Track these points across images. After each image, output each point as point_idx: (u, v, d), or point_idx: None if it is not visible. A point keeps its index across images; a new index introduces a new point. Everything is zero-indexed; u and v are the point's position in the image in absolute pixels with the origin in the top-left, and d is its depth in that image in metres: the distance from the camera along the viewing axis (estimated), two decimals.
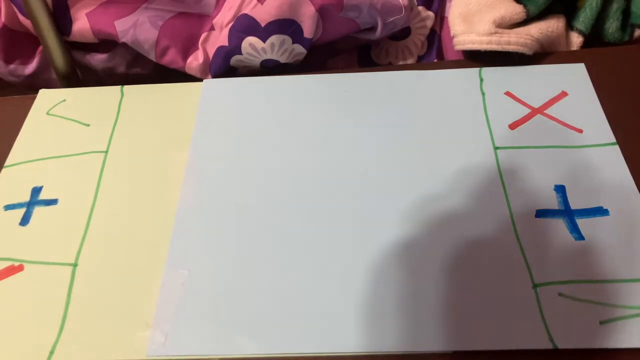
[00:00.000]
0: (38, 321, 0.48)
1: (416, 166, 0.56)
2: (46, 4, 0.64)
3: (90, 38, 0.67)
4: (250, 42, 0.64)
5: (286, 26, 0.63)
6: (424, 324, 0.46)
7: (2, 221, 0.55)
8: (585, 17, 0.66)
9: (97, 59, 0.71)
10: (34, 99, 0.66)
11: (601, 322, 0.45)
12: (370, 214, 0.53)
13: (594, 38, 0.67)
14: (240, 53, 0.65)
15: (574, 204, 0.52)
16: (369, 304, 0.48)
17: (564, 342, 0.45)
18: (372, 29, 0.68)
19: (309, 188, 0.55)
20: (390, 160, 0.57)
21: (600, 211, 0.52)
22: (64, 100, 0.65)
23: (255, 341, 0.46)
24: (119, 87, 0.66)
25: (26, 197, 0.56)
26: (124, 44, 0.67)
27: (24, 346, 0.47)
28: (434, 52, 0.73)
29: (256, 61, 0.66)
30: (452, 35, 0.65)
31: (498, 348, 0.45)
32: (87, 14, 0.66)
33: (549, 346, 0.44)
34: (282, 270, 0.50)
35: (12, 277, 0.51)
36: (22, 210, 0.55)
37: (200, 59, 0.67)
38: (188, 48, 0.68)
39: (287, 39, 0.64)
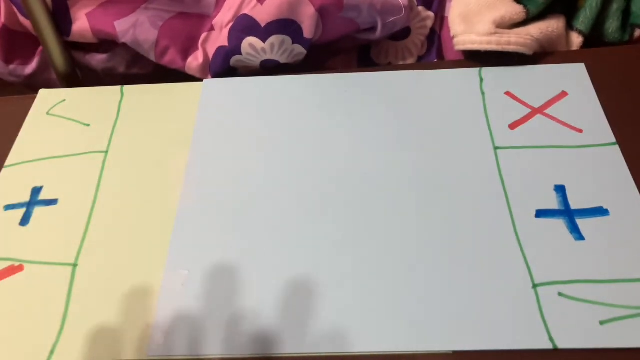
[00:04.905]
0: (38, 321, 0.48)
1: (416, 166, 0.56)
2: (46, 4, 0.64)
3: (90, 38, 0.67)
4: (250, 43, 0.64)
5: (286, 26, 0.63)
6: (424, 324, 0.46)
7: (2, 221, 0.55)
8: (585, 17, 0.66)
9: (97, 59, 0.71)
10: (34, 99, 0.66)
11: (601, 322, 0.45)
12: (370, 214, 0.53)
13: (594, 38, 0.67)
14: (240, 53, 0.65)
15: (574, 204, 0.52)
16: (368, 303, 0.48)
17: (564, 342, 0.45)
18: (372, 29, 0.68)
19: (308, 187, 0.55)
20: (390, 160, 0.57)
21: (600, 211, 0.52)
22: (64, 100, 0.65)
23: (256, 341, 0.46)
24: (119, 87, 0.66)
25: (26, 197, 0.56)
26: (124, 44, 0.67)
27: (24, 346, 0.47)
28: (434, 53, 0.73)
29: (256, 61, 0.66)
30: (452, 35, 0.65)
31: (498, 348, 0.45)
32: (87, 14, 0.66)
33: (549, 346, 0.44)
34: (282, 270, 0.50)
35: (12, 277, 0.51)
36: (22, 211, 0.55)
37: (200, 59, 0.67)
38: (188, 48, 0.68)
39: (287, 39, 0.64)
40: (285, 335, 0.46)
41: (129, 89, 0.66)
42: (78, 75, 0.71)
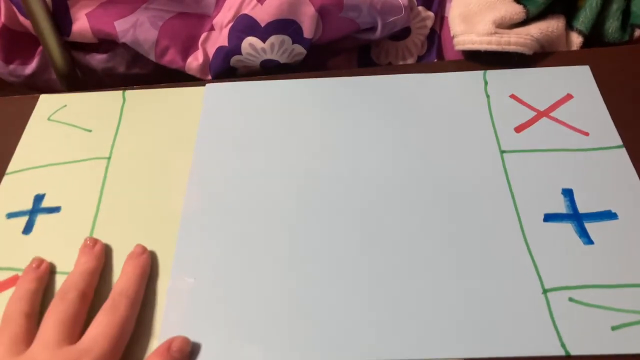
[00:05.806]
0: None
1: (421, 170, 0.56)
2: (46, 4, 0.64)
3: (90, 38, 0.67)
4: (250, 42, 0.63)
5: (286, 26, 0.63)
6: (433, 331, 0.46)
7: (5, 230, 0.54)
8: (585, 17, 0.66)
9: (97, 59, 0.70)
10: (34, 99, 0.65)
11: (613, 328, 0.45)
12: (375, 218, 0.53)
13: (594, 38, 0.67)
14: (240, 53, 0.64)
15: (582, 208, 0.52)
16: (376, 310, 0.47)
17: (576, 348, 0.45)
18: (372, 29, 0.68)
19: (312, 192, 0.55)
20: (394, 164, 0.56)
21: (609, 215, 0.52)
22: (65, 106, 0.64)
23: (262, 349, 0.46)
24: (120, 91, 0.65)
25: (29, 205, 0.56)
26: (124, 44, 0.66)
27: None
28: (434, 52, 0.73)
29: (256, 61, 0.65)
30: (452, 35, 0.65)
31: (509, 355, 0.45)
32: (87, 14, 0.65)
33: (561, 352, 0.45)
34: (288, 276, 0.50)
35: None
36: (25, 219, 0.55)
37: (200, 59, 0.67)
38: (188, 48, 0.68)
39: (287, 39, 0.64)
40: (293, 342, 0.46)
41: (130, 93, 0.65)
42: (78, 75, 0.70)
